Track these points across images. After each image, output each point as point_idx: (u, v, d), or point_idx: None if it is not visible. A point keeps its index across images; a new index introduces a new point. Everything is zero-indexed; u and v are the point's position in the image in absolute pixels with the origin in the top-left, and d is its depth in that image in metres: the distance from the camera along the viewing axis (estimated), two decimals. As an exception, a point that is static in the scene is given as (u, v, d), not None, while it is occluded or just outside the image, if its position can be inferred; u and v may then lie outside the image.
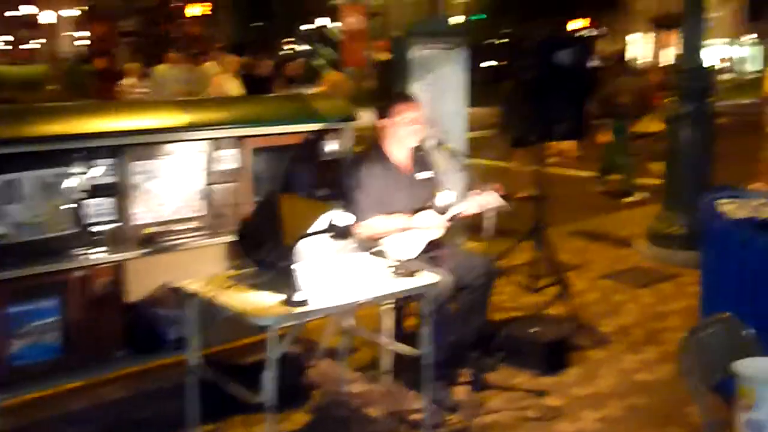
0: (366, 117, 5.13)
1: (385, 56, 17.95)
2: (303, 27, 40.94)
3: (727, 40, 42.29)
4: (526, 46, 5.96)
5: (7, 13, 48.50)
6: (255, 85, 12.21)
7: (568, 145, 11.72)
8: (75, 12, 37.79)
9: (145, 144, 4.42)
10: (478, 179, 4.53)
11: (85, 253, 4.29)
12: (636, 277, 7.17)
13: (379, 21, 40.04)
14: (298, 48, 40.02)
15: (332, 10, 39.48)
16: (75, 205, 4.27)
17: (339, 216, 3.72)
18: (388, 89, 14.36)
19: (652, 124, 10.16)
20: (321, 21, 41.15)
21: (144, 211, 4.49)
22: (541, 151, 6.24)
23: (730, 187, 5.24)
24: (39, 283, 4.12)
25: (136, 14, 33.82)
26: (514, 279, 6.56)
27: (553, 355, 5.15)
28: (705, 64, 7.47)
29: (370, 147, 4.87)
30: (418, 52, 5.69)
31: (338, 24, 36.54)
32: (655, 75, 12.73)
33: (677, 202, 7.62)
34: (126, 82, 14.48)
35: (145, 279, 4.58)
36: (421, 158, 4.90)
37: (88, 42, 36.22)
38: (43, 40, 40.78)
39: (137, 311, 4.58)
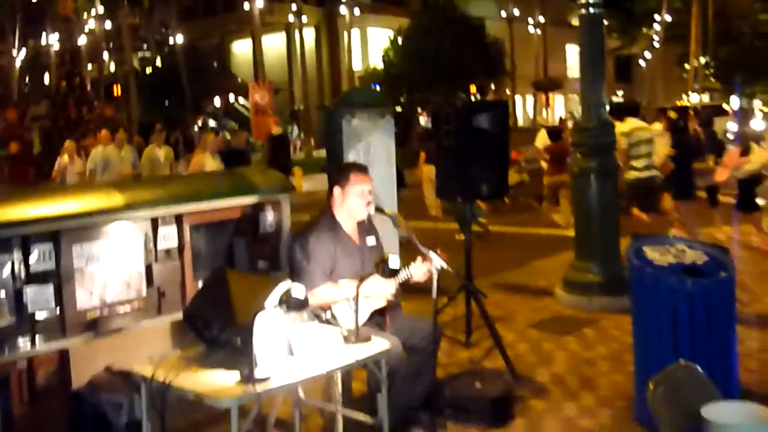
0: None
1: (276, 131, 17.99)
2: (213, 104, 40.65)
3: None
4: (445, 113, 5.87)
5: None
6: (232, 159, 12.06)
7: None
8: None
9: (82, 227, 4.08)
10: (419, 242, 4.34)
11: (26, 344, 3.90)
12: (559, 325, 7.09)
13: (284, 95, 40.15)
14: (210, 124, 39.72)
15: (239, 87, 39.47)
16: (13, 294, 3.90)
17: (293, 288, 3.47)
18: (274, 162, 14.46)
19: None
20: (228, 99, 41.00)
21: (85, 296, 4.14)
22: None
23: (650, 235, 5.20)
24: (-22, 378, 3.71)
25: (46, 99, 32.86)
26: (446, 334, 6.36)
27: (499, 409, 4.96)
28: (605, 121, 7.52)
29: (319, 215, 4.65)
30: (349, 122, 5.53)
31: (243, 101, 36.60)
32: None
33: (589, 251, 7.62)
34: (61, 160, 14.30)
35: (90, 365, 4.20)
36: (365, 225, 4.70)
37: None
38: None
39: (83, 399, 4.19)
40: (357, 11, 41.92)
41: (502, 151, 5.93)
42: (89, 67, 39.52)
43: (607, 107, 7.29)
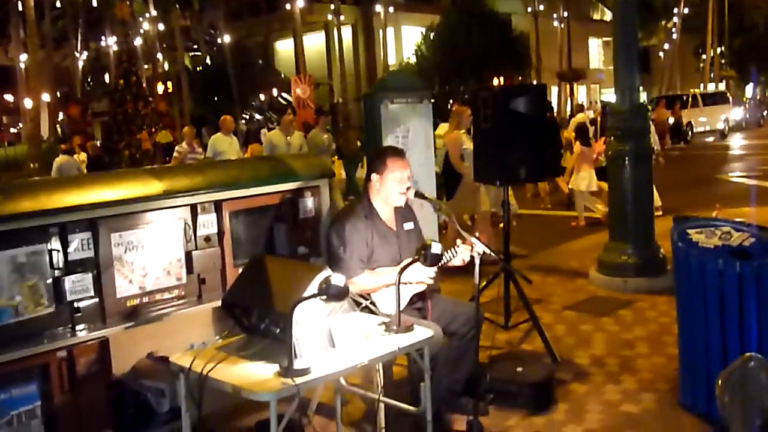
0: None
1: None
2: (258, 98, 40.53)
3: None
4: (483, 97, 5.42)
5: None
6: None
7: None
8: (50, 97, 36.84)
9: (121, 215, 3.72)
10: (460, 227, 3.93)
11: (66, 333, 3.57)
12: (596, 306, 6.62)
13: (324, 90, 39.85)
14: (256, 117, 39.58)
15: (282, 83, 39.24)
16: (52, 283, 3.56)
17: (333, 277, 3.08)
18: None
19: None
20: (272, 93, 40.81)
21: (125, 284, 3.79)
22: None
23: (693, 217, 4.72)
24: (17, 368, 3.38)
25: (106, 96, 32.89)
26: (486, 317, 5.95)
27: (541, 393, 4.54)
28: (639, 105, 7.01)
29: (356, 201, 4.25)
30: (388, 107, 5.11)
31: (286, 95, 36.32)
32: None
33: (624, 233, 7.13)
34: (180, 148, 13.56)
35: (129, 353, 3.87)
36: (402, 210, 4.29)
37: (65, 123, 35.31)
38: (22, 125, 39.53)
39: (124, 387, 3.85)
40: (391, 9, 41.49)
41: (539, 134, 5.47)
42: (145, 66, 39.53)
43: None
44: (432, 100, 5.68)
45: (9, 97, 43.56)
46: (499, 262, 5.34)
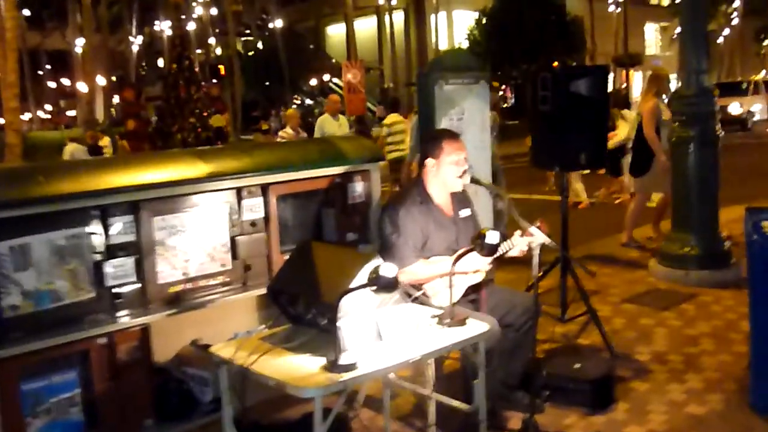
0: None
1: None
2: (309, 83, 40.52)
3: (674, 75, 41.77)
4: (542, 78, 5.14)
5: (50, 85, 48.22)
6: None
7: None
8: (105, 81, 37.42)
9: (164, 198, 3.58)
10: (519, 215, 3.69)
11: (106, 319, 3.45)
12: (656, 299, 6.30)
13: (375, 75, 39.65)
14: (307, 102, 39.61)
15: (333, 68, 39.18)
16: (93, 268, 3.44)
17: (383, 267, 2.87)
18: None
19: None
20: (323, 78, 40.77)
21: (167, 269, 3.66)
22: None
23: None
24: (57, 355, 3.28)
25: (159, 80, 33.21)
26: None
27: (600, 391, 4.28)
28: (707, 89, 6.63)
29: (411, 186, 4.04)
30: (443, 87, 4.87)
31: (337, 80, 36.23)
32: None
33: (687, 223, 6.78)
34: (284, 133, 12.35)
35: (172, 340, 3.76)
36: (459, 195, 4.06)
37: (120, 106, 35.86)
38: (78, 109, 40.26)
39: (166, 375, 3.75)
40: (443, -7, 41.01)
41: (601, 118, 5.16)
42: (198, 50, 39.82)
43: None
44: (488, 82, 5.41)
45: (66, 81, 44.42)
46: (559, 252, 5.08)
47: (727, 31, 48.48)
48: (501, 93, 22.38)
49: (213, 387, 3.69)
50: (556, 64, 31.47)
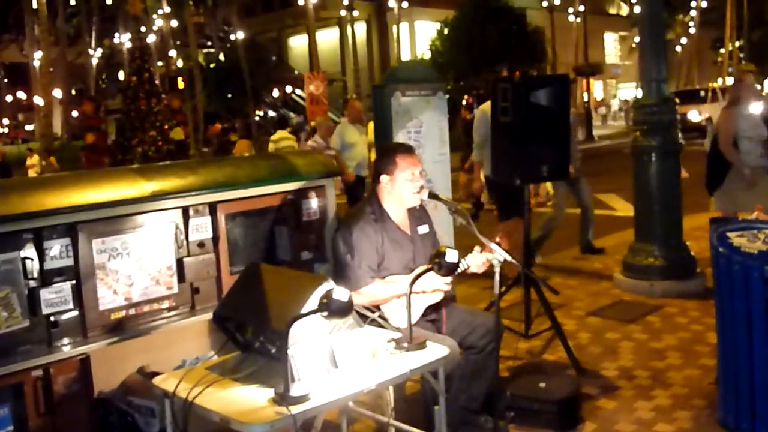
0: None
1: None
2: (272, 94, 40.26)
3: (633, 84, 42.29)
4: (502, 88, 5.01)
5: (7, 98, 47.33)
6: None
7: None
8: (62, 94, 36.81)
9: (103, 219, 3.36)
10: (479, 231, 3.53)
11: (42, 350, 3.22)
12: (621, 311, 6.20)
13: (338, 86, 39.55)
14: (269, 114, 39.35)
15: (295, 79, 38.98)
16: (26, 295, 3.21)
17: (335, 291, 2.70)
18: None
19: None
20: (286, 89, 40.55)
21: (108, 294, 3.43)
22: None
23: (732, 218, 4.31)
24: (-13, 389, 3.03)
25: (119, 92, 32.70)
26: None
27: (567, 411, 4.14)
28: (667, 98, 6.57)
29: (364, 204, 3.86)
30: (398, 100, 4.71)
31: (300, 91, 36.03)
32: None
33: (651, 233, 6.70)
34: (313, 141, 10.97)
35: (116, 368, 3.51)
36: (417, 211, 3.89)
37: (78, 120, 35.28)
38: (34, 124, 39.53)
39: (109, 407, 3.49)
40: (405, 4, 41.02)
41: (563, 129, 5.05)
42: (158, 63, 39.33)
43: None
44: (447, 95, 5.27)
45: (23, 95, 43.61)
46: (521, 269, 4.94)
47: (684, 41, 49.22)
48: (465, 103, 22.32)
49: (160, 418, 3.47)
50: (518, 73, 31.65)
